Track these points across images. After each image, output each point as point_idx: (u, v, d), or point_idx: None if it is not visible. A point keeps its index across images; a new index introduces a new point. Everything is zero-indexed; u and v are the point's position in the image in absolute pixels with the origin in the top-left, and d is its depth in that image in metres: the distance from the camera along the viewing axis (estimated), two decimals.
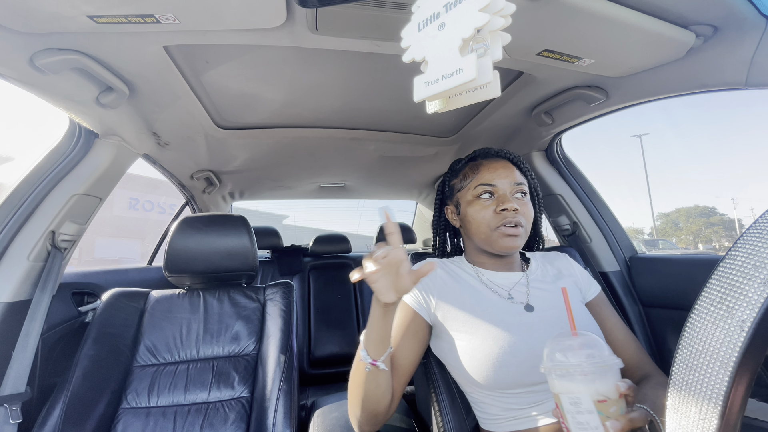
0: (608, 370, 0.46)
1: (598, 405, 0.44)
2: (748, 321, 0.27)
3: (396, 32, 0.52)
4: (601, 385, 0.45)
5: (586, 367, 0.45)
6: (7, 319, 0.89)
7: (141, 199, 16.04)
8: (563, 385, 0.47)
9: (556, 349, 0.49)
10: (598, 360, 0.46)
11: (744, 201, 68.72)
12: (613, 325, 0.77)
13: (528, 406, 0.67)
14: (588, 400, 0.44)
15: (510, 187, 0.77)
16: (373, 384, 0.64)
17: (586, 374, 0.45)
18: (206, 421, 0.93)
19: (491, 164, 0.79)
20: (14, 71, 0.73)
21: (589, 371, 0.45)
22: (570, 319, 0.54)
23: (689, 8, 0.63)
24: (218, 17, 0.65)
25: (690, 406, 0.30)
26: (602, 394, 0.44)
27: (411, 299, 0.77)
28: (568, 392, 0.46)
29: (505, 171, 0.78)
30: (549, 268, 0.84)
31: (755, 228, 0.31)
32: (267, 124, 1.25)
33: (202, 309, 1.10)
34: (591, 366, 0.45)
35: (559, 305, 0.73)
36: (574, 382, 0.45)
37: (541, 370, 0.50)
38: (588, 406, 0.44)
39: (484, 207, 0.76)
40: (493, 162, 0.80)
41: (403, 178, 1.99)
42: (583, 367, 0.45)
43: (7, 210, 0.91)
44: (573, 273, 0.83)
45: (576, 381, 0.45)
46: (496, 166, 0.79)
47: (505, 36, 0.44)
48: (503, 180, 0.77)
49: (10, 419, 0.82)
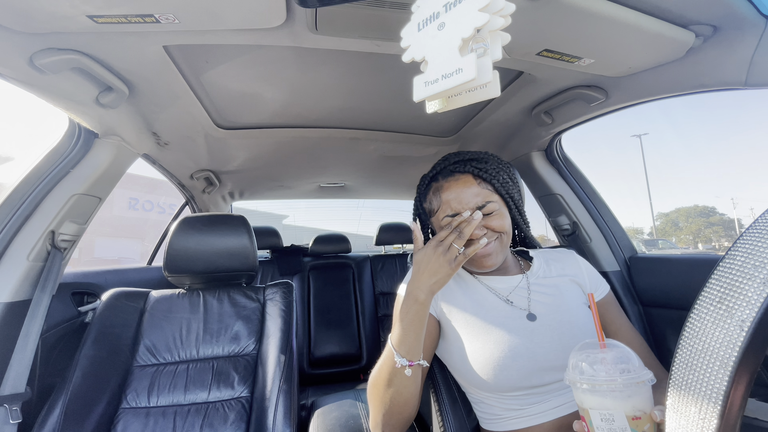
0: (643, 387, 0.44)
1: (632, 422, 0.43)
2: (747, 321, 0.27)
3: (396, 32, 0.52)
4: (637, 401, 0.43)
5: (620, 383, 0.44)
6: (6, 319, 0.89)
7: (141, 199, 16.03)
8: (594, 401, 0.45)
9: (584, 360, 0.48)
10: (634, 376, 0.44)
11: (744, 201, 68.77)
12: (619, 328, 0.76)
13: (528, 405, 0.67)
14: (622, 417, 0.43)
15: (474, 201, 0.72)
16: (413, 386, 0.65)
17: (622, 390, 0.43)
18: (206, 421, 0.93)
19: (450, 186, 0.74)
20: (14, 71, 0.73)
21: (625, 388, 0.43)
22: (598, 328, 0.51)
23: (689, 8, 0.63)
24: (218, 17, 0.65)
25: (690, 406, 0.30)
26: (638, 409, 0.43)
27: None
28: (599, 408, 0.44)
29: (465, 188, 0.73)
30: (553, 266, 0.82)
31: (755, 228, 0.31)
32: (267, 124, 1.25)
33: (202, 309, 1.10)
34: (626, 382, 0.44)
35: (561, 309, 0.72)
36: (607, 398, 0.44)
37: (566, 381, 0.49)
38: (621, 423, 0.43)
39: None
40: (452, 182, 0.75)
41: (403, 178, 1.99)
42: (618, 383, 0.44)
43: (7, 210, 0.91)
44: (577, 272, 0.80)
45: (609, 397, 0.44)
46: (455, 187, 0.74)
47: (504, 36, 0.44)
48: (465, 200, 0.72)
49: (10, 419, 0.81)
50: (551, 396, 0.66)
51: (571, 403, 0.66)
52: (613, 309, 0.78)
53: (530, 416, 0.67)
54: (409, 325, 0.64)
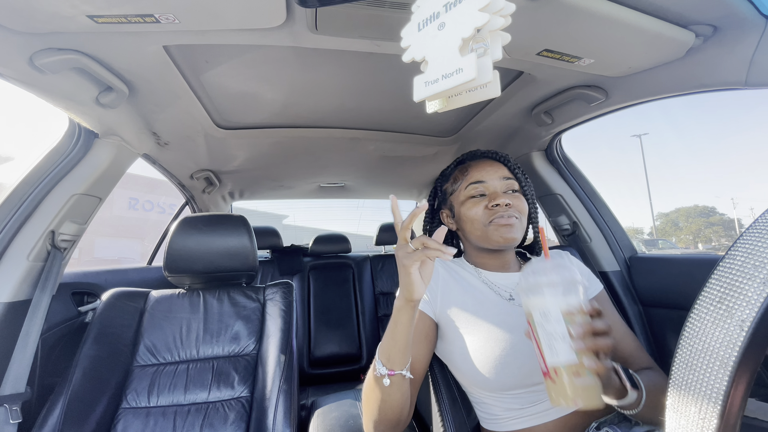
0: (573, 285, 0.51)
1: (565, 316, 0.49)
2: (747, 320, 0.27)
3: (396, 32, 0.52)
4: (568, 298, 0.50)
5: (554, 279, 0.50)
6: (6, 319, 0.89)
7: (141, 199, 16.03)
8: (534, 301, 0.52)
9: (529, 272, 0.54)
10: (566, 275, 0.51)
11: (744, 201, 68.83)
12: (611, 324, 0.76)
13: (529, 405, 0.67)
14: (557, 311, 0.49)
15: (500, 183, 0.77)
16: (398, 395, 0.62)
17: (555, 286, 0.50)
18: (206, 420, 0.93)
19: (479, 164, 0.80)
20: (14, 71, 0.73)
21: (558, 283, 0.50)
22: (544, 247, 0.59)
23: (689, 8, 0.63)
24: (218, 17, 0.65)
25: (690, 406, 0.30)
26: (571, 305, 0.50)
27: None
28: (538, 306, 0.51)
29: (493, 168, 0.78)
30: None
31: (755, 228, 0.31)
32: (267, 124, 1.25)
33: (202, 309, 1.10)
34: (559, 278, 0.50)
35: None
36: (544, 297, 0.51)
37: (517, 290, 0.54)
38: (556, 316, 0.49)
39: (475, 204, 0.76)
40: (481, 162, 0.81)
41: (403, 178, 1.99)
42: (552, 280, 0.50)
43: (7, 210, 0.91)
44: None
45: (545, 295, 0.50)
46: (484, 165, 0.79)
47: (505, 36, 0.44)
48: (492, 177, 0.77)
49: (10, 419, 0.82)
50: None
51: None
52: (605, 307, 0.78)
53: (531, 416, 0.67)
54: (391, 332, 0.60)
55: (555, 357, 0.49)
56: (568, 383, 0.48)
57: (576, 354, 0.48)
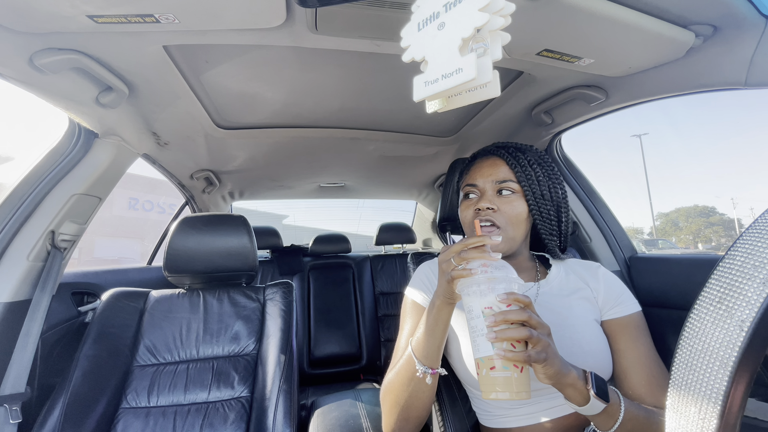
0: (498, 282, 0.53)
1: (484, 310, 0.53)
2: (747, 321, 0.27)
3: (396, 32, 0.52)
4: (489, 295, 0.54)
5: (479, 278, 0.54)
6: (6, 319, 0.89)
7: (141, 199, 16.03)
8: (464, 300, 0.56)
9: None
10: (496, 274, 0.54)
11: (743, 201, 68.79)
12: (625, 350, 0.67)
13: (528, 404, 0.67)
14: (478, 309, 0.53)
15: (491, 186, 0.74)
16: (430, 392, 0.64)
17: (479, 284, 0.53)
18: (206, 420, 0.93)
19: (480, 163, 0.78)
20: (14, 71, 0.73)
21: (482, 281, 0.53)
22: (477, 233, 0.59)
23: (689, 8, 0.63)
24: (218, 17, 0.65)
25: (689, 406, 0.30)
26: (489, 300, 0.53)
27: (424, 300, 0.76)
28: (466, 304, 0.55)
29: (489, 169, 0.75)
30: (572, 279, 0.76)
31: (754, 228, 0.31)
32: (267, 124, 1.25)
33: (202, 309, 1.10)
34: (483, 277, 0.53)
35: (564, 325, 0.67)
36: (470, 295, 0.54)
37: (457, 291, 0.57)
38: (477, 312, 0.53)
39: (467, 206, 0.75)
40: (483, 161, 0.78)
41: (403, 178, 1.99)
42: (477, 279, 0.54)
43: (7, 210, 0.91)
44: (595, 287, 0.74)
45: (471, 294, 0.54)
46: (482, 165, 0.77)
47: (504, 36, 0.44)
48: (485, 179, 0.74)
49: (10, 419, 0.82)
50: (551, 394, 0.66)
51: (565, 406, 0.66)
52: (633, 333, 0.68)
53: (530, 414, 0.67)
54: (431, 331, 0.61)
55: (477, 351, 0.53)
56: (485, 375, 0.52)
57: (493, 347, 0.51)
